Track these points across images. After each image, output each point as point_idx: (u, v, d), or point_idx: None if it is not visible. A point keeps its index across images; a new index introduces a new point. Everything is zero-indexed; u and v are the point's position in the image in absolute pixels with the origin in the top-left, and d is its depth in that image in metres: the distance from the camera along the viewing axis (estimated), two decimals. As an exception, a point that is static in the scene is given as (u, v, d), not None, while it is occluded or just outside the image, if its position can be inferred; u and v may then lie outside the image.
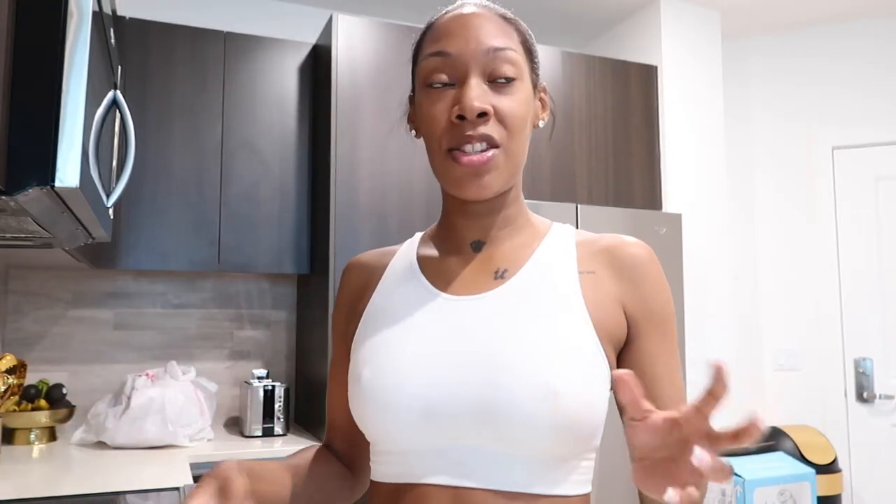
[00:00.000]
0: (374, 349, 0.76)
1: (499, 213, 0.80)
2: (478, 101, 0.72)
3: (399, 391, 0.71)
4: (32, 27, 0.83)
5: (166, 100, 2.52)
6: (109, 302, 2.68)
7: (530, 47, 0.80)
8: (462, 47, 0.74)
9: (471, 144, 0.73)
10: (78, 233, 1.32)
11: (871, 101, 3.21)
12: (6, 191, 0.81)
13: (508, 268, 0.78)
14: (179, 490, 1.75)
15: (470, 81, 0.73)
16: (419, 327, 0.75)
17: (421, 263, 0.83)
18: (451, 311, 0.76)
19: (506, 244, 0.80)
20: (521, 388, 0.67)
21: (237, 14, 3.02)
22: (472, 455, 0.70)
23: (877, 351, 3.06)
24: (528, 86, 0.77)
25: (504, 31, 0.76)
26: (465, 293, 0.77)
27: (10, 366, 2.23)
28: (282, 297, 2.92)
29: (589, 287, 0.76)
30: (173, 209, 2.50)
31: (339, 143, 2.46)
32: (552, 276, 0.76)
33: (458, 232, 0.82)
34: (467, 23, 0.75)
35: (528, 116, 0.77)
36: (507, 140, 0.74)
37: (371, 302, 0.83)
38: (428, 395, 0.70)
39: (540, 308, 0.73)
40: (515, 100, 0.75)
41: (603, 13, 3.24)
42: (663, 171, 3.01)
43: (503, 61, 0.74)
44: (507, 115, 0.74)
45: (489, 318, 0.73)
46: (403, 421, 0.71)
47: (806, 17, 3.25)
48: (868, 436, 3.05)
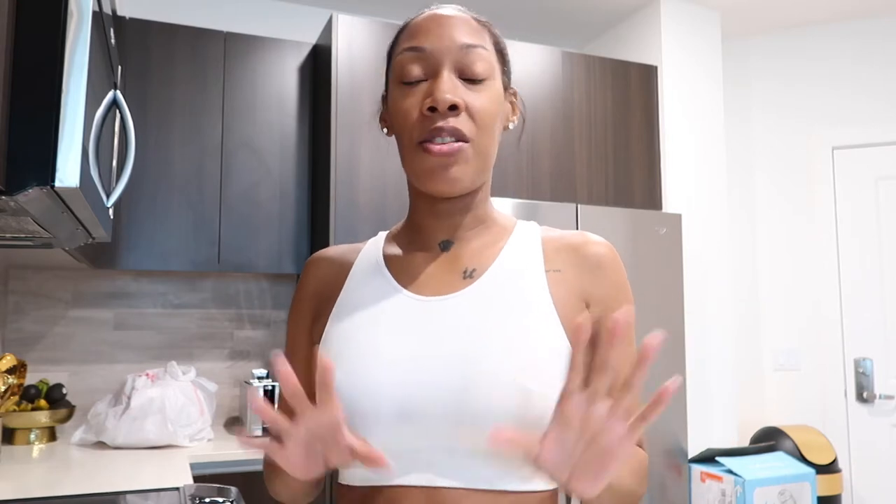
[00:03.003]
0: (345, 351, 0.75)
1: (468, 213, 0.81)
2: (449, 93, 0.73)
3: (373, 395, 0.71)
4: (32, 27, 0.83)
5: (166, 100, 2.52)
6: (109, 302, 2.68)
7: (502, 50, 0.82)
8: (436, 43, 0.76)
9: (441, 136, 0.73)
10: (78, 233, 1.32)
11: (871, 101, 3.21)
12: (6, 191, 0.81)
13: (476, 267, 0.79)
14: (179, 490, 1.75)
15: (442, 75, 0.75)
16: (390, 329, 0.75)
17: (388, 263, 0.82)
18: (421, 312, 0.75)
19: (473, 243, 0.81)
20: (493, 388, 0.68)
21: (237, 14, 3.02)
22: (445, 454, 0.70)
23: (877, 351, 3.06)
24: (499, 86, 0.79)
25: (477, 32, 0.78)
26: (435, 293, 0.77)
27: (10, 366, 2.23)
28: (282, 297, 2.92)
29: (556, 285, 0.77)
30: (173, 209, 2.50)
31: (339, 143, 2.46)
32: (520, 274, 0.77)
33: (427, 231, 0.82)
34: (442, 21, 0.77)
35: (498, 115, 0.78)
36: (476, 135, 0.75)
37: (339, 301, 0.81)
38: (402, 398, 0.70)
39: (509, 307, 0.74)
40: (486, 97, 0.76)
41: (603, 13, 3.24)
42: (663, 171, 3.01)
43: (476, 58, 0.76)
44: (478, 110, 0.75)
45: (460, 319, 0.74)
46: (378, 425, 0.71)
47: (806, 17, 3.25)
48: (868, 436, 3.05)
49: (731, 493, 2.57)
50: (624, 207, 2.73)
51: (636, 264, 2.62)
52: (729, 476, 2.56)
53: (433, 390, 0.70)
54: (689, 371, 2.92)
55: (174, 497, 1.70)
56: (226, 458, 2.25)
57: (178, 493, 1.72)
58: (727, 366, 3.00)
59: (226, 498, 1.64)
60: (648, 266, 2.65)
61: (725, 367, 3.00)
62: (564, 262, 0.79)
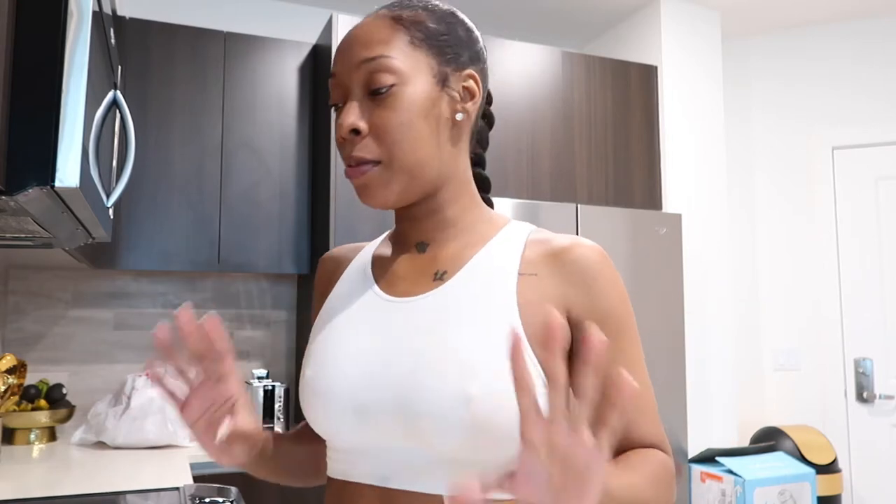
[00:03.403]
0: (317, 347, 0.79)
1: (435, 216, 0.80)
2: (346, 121, 0.74)
3: (333, 391, 0.74)
4: (32, 27, 0.83)
5: (166, 100, 2.52)
6: (109, 302, 2.68)
7: (431, 38, 0.76)
8: (341, 66, 0.76)
9: (351, 164, 0.75)
10: (78, 233, 1.32)
11: (871, 101, 3.21)
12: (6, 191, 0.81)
13: (448, 269, 0.78)
14: (179, 490, 1.75)
15: (348, 101, 0.75)
16: (357, 327, 0.77)
17: (375, 263, 0.84)
18: (386, 312, 0.77)
19: (450, 245, 0.80)
20: (436, 392, 0.68)
21: (237, 14, 3.02)
22: (400, 456, 0.71)
23: (877, 351, 3.06)
24: (417, 86, 0.74)
25: (385, 36, 0.75)
26: (405, 294, 0.78)
27: (10, 366, 2.23)
28: (282, 297, 2.92)
29: (527, 289, 0.73)
30: (173, 209, 2.50)
31: (339, 143, 2.45)
32: (489, 277, 0.75)
33: (404, 233, 0.83)
34: (349, 38, 0.77)
35: (415, 119, 0.74)
36: (385, 154, 0.74)
37: (328, 299, 0.85)
38: (357, 395, 0.72)
39: (469, 310, 0.72)
40: (393, 109, 0.73)
41: (603, 13, 3.24)
42: (663, 171, 3.01)
43: (375, 71, 0.74)
44: (381, 129, 0.73)
45: (418, 321, 0.74)
46: (339, 420, 0.73)
47: (806, 17, 3.25)
48: (868, 436, 3.05)
49: (731, 494, 2.57)
50: (624, 207, 2.73)
51: (636, 264, 2.62)
52: (729, 476, 2.56)
53: (384, 390, 0.71)
54: (689, 371, 2.92)
55: (174, 497, 1.70)
56: (226, 458, 2.24)
57: (178, 493, 1.72)
58: (727, 366, 3.00)
59: (226, 498, 1.64)
60: (648, 266, 2.65)
61: (725, 367, 3.00)
62: (543, 266, 0.75)
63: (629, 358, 0.75)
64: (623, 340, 0.75)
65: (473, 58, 0.80)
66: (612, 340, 0.75)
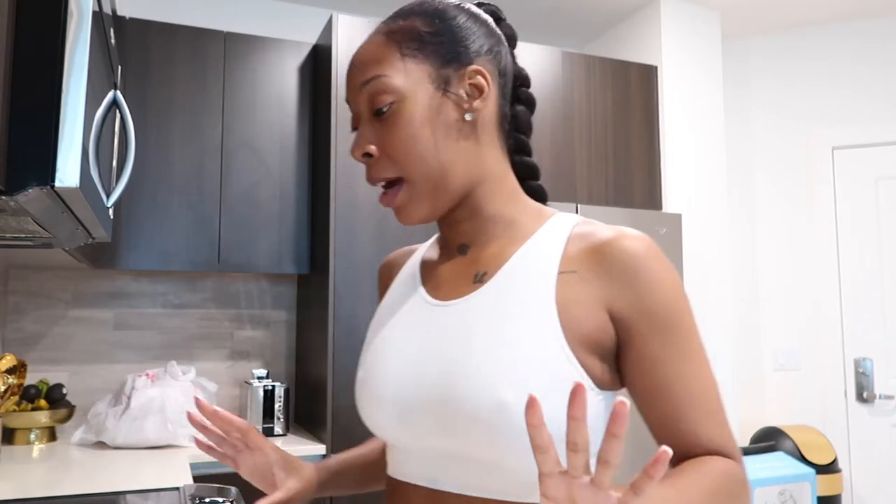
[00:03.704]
0: (368, 350, 0.81)
1: (473, 218, 0.79)
2: (357, 148, 0.76)
3: (380, 392, 0.75)
4: (32, 27, 0.83)
5: (166, 100, 2.52)
6: (109, 302, 2.68)
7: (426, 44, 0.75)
8: (349, 91, 0.78)
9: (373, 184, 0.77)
10: (78, 233, 1.32)
11: (871, 101, 3.21)
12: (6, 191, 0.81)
13: (488, 270, 0.76)
14: (179, 490, 1.75)
15: (360, 127, 0.77)
16: (403, 331, 0.78)
17: (423, 266, 0.84)
18: (430, 316, 0.77)
19: (491, 246, 0.79)
20: (471, 399, 0.67)
21: (237, 14, 3.02)
22: (447, 459, 0.71)
23: (877, 351, 3.06)
24: (416, 98, 0.74)
25: (380, 55, 0.75)
26: (447, 298, 0.77)
27: (10, 366, 2.23)
28: (282, 297, 2.92)
29: (566, 288, 0.71)
30: (173, 209, 2.50)
31: (339, 143, 2.46)
32: (529, 277, 0.73)
33: (447, 237, 0.83)
34: (351, 62, 0.78)
35: (419, 131, 0.73)
36: (403, 170, 0.74)
37: (381, 303, 0.87)
38: (401, 398, 0.73)
39: (506, 313, 0.71)
40: (396, 126, 0.73)
41: (603, 13, 3.24)
42: (663, 171, 3.01)
43: (373, 93, 0.74)
44: (389, 149, 0.74)
45: (457, 324, 0.73)
46: (386, 421, 0.75)
47: (806, 17, 3.25)
48: (868, 436, 3.05)
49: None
50: (624, 207, 2.73)
51: (636, 264, 2.62)
52: (729, 476, 2.55)
53: (424, 395, 0.71)
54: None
55: (174, 497, 1.70)
56: (226, 458, 2.25)
57: (178, 493, 1.72)
58: (727, 366, 3.00)
59: (226, 498, 1.64)
60: (648, 266, 2.64)
61: (725, 367, 3.00)
62: (584, 262, 0.72)
63: (681, 355, 0.70)
64: (673, 336, 0.70)
65: (479, 48, 0.77)
66: (659, 337, 0.70)
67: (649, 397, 0.71)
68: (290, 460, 0.89)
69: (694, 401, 0.69)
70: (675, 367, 0.70)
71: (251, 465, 0.88)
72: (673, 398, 0.70)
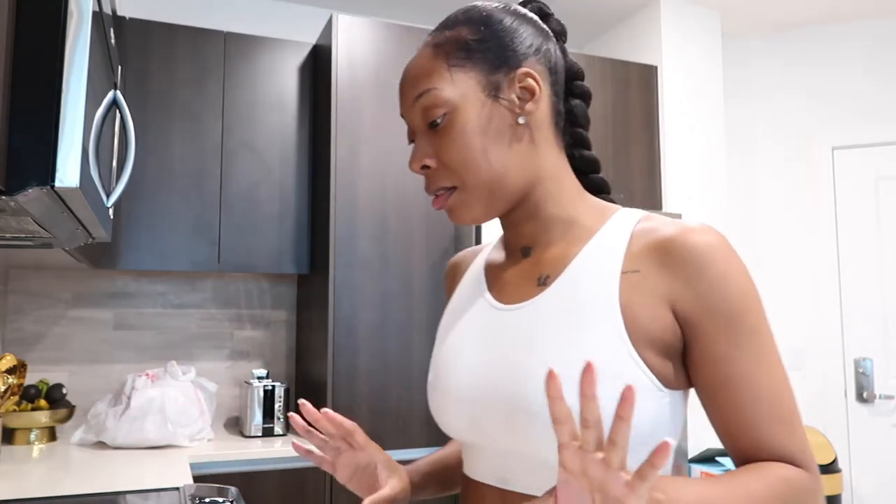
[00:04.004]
0: (437, 353, 0.83)
1: (534, 219, 0.79)
2: (415, 160, 0.77)
3: (449, 396, 0.77)
4: (32, 27, 0.83)
5: (166, 100, 2.52)
6: (109, 302, 2.68)
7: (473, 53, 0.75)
8: (402, 106, 0.79)
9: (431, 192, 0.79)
10: (78, 233, 1.32)
11: (871, 101, 3.21)
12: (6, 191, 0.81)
13: (551, 273, 0.76)
14: (179, 490, 1.75)
15: (416, 140, 0.78)
16: (469, 334, 0.79)
17: (488, 269, 0.85)
18: (495, 320, 0.77)
19: (553, 247, 0.78)
20: (536, 402, 0.68)
21: (237, 14, 3.02)
22: (514, 460, 0.72)
23: (877, 351, 3.06)
24: (468, 108, 0.74)
25: (429, 68, 0.76)
26: (511, 301, 0.78)
27: (10, 366, 2.23)
28: (282, 297, 2.92)
29: (629, 288, 0.70)
30: (173, 209, 2.50)
31: (339, 143, 2.46)
32: (591, 279, 0.72)
33: (509, 239, 0.83)
34: (403, 76, 0.79)
35: (473, 140, 0.74)
36: (457, 178, 0.75)
37: (448, 305, 0.88)
38: (468, 402, 0.75)
39: (570, 316, 0.71)
40: (450, 136, 0.74)
41: (603, 13, 3.24)
42: (663, 171, 3.01)
43: (426, 107, 0.75)
44: (446, 158, 0.75)
45: (521, 329, 0.74)
46: (456, 423, 0.77)
47: (806, 17, 3.25)
48: (868, 436, 3.05)
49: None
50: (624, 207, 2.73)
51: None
52: (729, 476, 2.56)
53: (491, 399, 0.72)
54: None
55: (174, 497, 1.69)
56: (226, 458, 2.25)
57: (178, 493, 1.72)
58: (727, 366, 3.00)
59: (225, 498, 1.64)
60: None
61: (725, 367, 2.99)
62: (646, 261, 0.70)
63: (747, 354, 0.67)
64: (739, 334, 0.67)
65: (527, 49, 0.76)
66: (724, 335, 0.67)
67: (712, 398, 0.69)
68: (392, 461, 0.89)
69: (760, 404, 0.66)
70: (740, 366, 0.67)
71: (353, 466, 0.88)
72: (737, 399, 0.67)
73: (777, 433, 0.66)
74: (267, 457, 2.30)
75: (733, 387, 0.67)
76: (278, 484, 2.30)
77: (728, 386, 0.67)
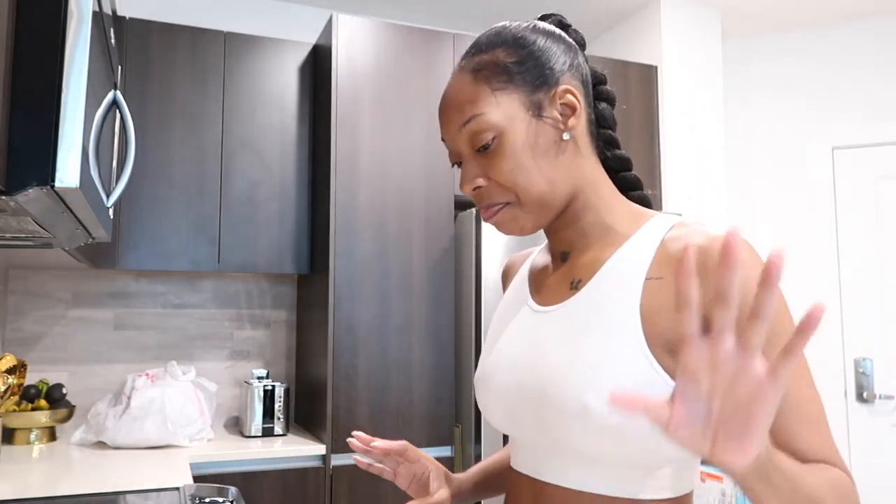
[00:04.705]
0: (483, 351, 0.88)
1: (572, 226, 0.82)
2: (466, 183, 0.79)
3: (490, 393, 0.82)
4: (32, 27, 0.83)
5: (166, 100, 2.52)
6: (109, 302, 2.68)
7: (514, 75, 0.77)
8: (446, 132, 0.81)
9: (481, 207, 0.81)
10: (78, 233, 1.32)
11: (871, 101, 3.21)
12: (6, 191, 0.81)
13: (583, 277, 0.79)
14: (179, 490, 1.75)
15: (464, 163, 0.80)
16: (511, 334, 0.83)
17: (532, 272, 0.89)
18: (533, 321, 0.81)
19: (588, 253, 0.81)
20: (559, 400, 0.71)
21: (237, 14, 3.02)
22: (547, 452, 0.76)
23: (877, 351, 3.06)
24: (515, 129, 0.76)
25: (471, 94, 0.78)
26: (547, 303, 0.81)
27: (10, 366, 2.23)
28: (282, 297, 2.92)
29: (651, 295, 0.71)
30: (173, 209, 2.50)
31: (339, 143, 2.46)
32: (617, 283, 0.74)
33: (551, 245, 0.86)
34: (443, 102, 0.81)
35: (524, 159, 0.76)
36: (511, 196, 0.78)
37: (498, 306, 0.93)
38: (505, 397, 0.80)
39: (594, 319, 0.73)
40: (501, 158, 0.77)
41: (603, 13, 3.24)
42: (663, 171, 3.01)
43: (474, 132, 0.77)
44: (497, 178, 0.77)
45: (554, 330, 0.77)
46: (496, 418, 0.82)
47: (806, 17, 3.25)
48: (868, 436, 3.05)
49: (731, 494, 2.57)
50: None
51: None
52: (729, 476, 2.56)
53: (525, 396, 0.76)
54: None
55: (174, 497, 1.70)
56: (226, 458, 2.25)
57: (178, 493, 1.72)
58: (727, 366, 3.00)
59: (225, 498, 1.64)
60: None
61: (725, 367, 2.99)
62: (672, 267, 0.71)
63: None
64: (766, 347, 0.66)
65: (563, 66, 0.79)
66: None
67: None
68: (444, 471, 0.97)
69: (789, 410, 0.66)
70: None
71: (410, 476, 0.96)
72: None
73: (814, 438, 0.66)
74: (267, 457, 2.30)
75: None
76: (278, 484, 2.30)
77: None
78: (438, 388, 2.49)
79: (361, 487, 2.37)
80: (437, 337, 2.51)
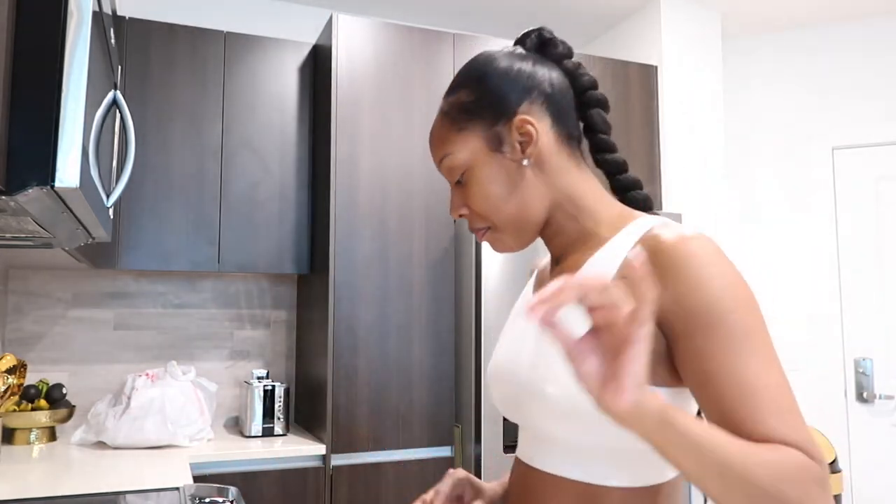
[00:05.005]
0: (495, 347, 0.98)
1: (559, 236, 0.88)
2: (453, 211, 0.89)
3: (491, 383, 0.91)
4: (32, 27, 0.83)
5: (166, 100, 2.52)
6: (109, 302, 2.68)
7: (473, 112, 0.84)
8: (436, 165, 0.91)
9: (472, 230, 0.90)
10: (78, 233, 1.32)
11: (871, 101, 3.21)
12: (6, 191, 0.81)
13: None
14: (179, 490, 1.75)
15: (451, 193, 0.91)
16: (512, 332, 0.90)
17: (542, 273, 0.96)
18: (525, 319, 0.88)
19: (574, 256, 0.86)
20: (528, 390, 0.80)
21: (237, 14, 3.02)
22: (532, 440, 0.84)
23: (877, 351, 3.06)
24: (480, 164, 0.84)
25: (442, 134, 0.87)
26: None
27: (10, 366, 2.23)
28: (282, 297, 2.92)
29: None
30: (173, 209, 2.50)
31: (339, 143, 2.46)
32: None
33: (549, 250, 0.93)
34: (429, 139, 0.90)
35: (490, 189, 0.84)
36: (489, 221, 0.86)
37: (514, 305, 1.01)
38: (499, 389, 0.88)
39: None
40: (472, 190, 0.85)
41: (603, 13, 3.24)
42: (663, 171, 3.01)
43: (448, 169, 0.86)
44: (473, 207, 0.86)
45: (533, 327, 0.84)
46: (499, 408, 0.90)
47: (806, 17, 3.25)
48: (868, 436, 3.05)
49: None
50: (624, 207, 2.73)
51: (636, 264, 2.62)
52: (729, 476, 2.55)
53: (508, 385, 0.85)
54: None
55: (174, 497, 1.70)
56: (226, 458, 2.25)
57: (178, 493, 1.72)
58: (727, 366, 3.00)
59: (225, 498, 1.64)
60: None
61: (725, 367, 2.99)
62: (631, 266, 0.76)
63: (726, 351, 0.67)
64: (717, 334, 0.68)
65: (521, 96, 0.84)
66: (701, 338, 0.68)
67: (699, 397, 0.70)
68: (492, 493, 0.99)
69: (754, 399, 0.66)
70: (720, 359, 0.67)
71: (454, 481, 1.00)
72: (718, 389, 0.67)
73: (774, 427, 0.65)
74: (267, 457, 2.30)
75: (714, 380, 0.67)
76: (278, 484, 2.30)
77: (710, 379, 0.68)
78: (438, 388, 2.49)
79: (361, 487, 2.37)
80: (437, 337, 2.51)
